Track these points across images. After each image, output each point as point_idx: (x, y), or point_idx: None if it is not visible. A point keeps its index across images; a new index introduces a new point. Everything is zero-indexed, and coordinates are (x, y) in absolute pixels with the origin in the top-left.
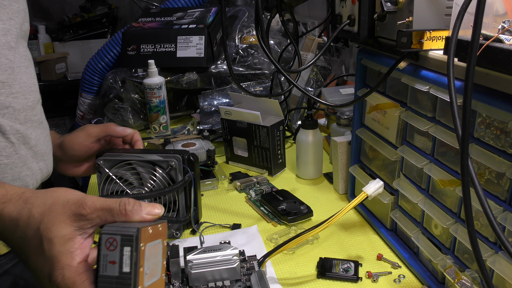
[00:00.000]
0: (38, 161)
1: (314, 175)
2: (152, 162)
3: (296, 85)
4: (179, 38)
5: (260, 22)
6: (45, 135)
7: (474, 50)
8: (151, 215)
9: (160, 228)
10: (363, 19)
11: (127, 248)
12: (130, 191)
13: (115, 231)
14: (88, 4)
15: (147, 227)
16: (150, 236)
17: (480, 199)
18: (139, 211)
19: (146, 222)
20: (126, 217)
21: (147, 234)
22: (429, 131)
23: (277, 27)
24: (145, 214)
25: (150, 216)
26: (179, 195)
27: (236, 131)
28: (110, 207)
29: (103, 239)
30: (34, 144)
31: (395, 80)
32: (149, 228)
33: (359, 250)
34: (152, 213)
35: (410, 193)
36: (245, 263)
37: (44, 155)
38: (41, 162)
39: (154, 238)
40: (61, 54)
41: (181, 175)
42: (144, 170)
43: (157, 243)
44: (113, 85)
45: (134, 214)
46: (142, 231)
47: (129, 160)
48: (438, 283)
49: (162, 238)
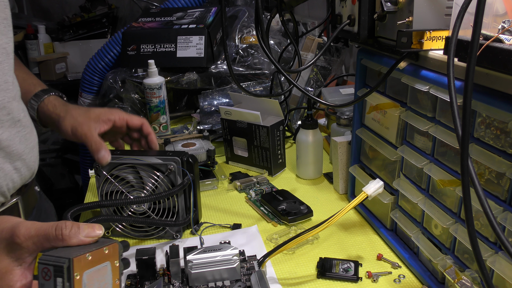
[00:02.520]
0: (13, 161)
1: (314, 175)
2: (151, 165)
3: (296, 85)
4: (179, 38)
5: (260, 22)
6: (24, 133)
7: (474, 50)
8: (91, 237)
9: (106, 251)
10: (363, 19)
11: (59, 280)
12: (129, 193)
13: (48, 261)
14: (88, 4)
15: (85, 253)
16: (89, 263)
17: (480, 199)
18: (77, 234)
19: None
20: (64, 242)
21: (83, 261)
22: (429, 131)
23: (277, 27)
24: (83, 237)
25: (90, 239)
26: (178, 198)
27: (236, 131)
28: (46, 233)
29: (39, 268)
30: (6, 145)
31: (395, 80)
32: (87, 254)
33: (359, 250)
34: (91, 235)
35: (410, 193)
36: (245, 263)
37: (22, 154)
38: (18, 161)
39: (97, 263)
40: (61, 54)
41: (180, 178)
42: (144, 173)
43: (102, 266)
44: (113, 85)
45: (71, 237)
46: (75, 261)
47: (128, 163)
48: (438, 283)
49: (111, 260)
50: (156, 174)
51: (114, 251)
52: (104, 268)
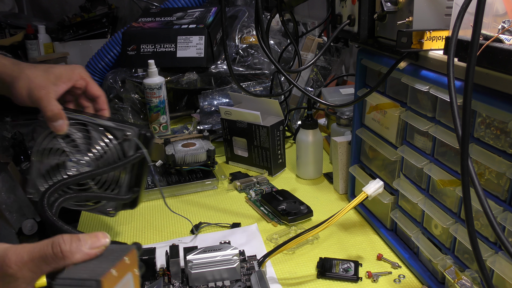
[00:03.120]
0: None
1: (314, 175)
2: (106, 128)
3: (296, 85)
4: (179, 38)
5: (260, 22)
6: None
7: (474, 50)
8: (96, 248)
9: (128, 261)
10: (363, 19)
11: None
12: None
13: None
14: (88, 4)
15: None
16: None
17: (480, 199)
18: (79, 248)
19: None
20: (66, 260)
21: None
22: (429, 131)
23: (277, 27)
24: (88, 250)
25: (96, 250)
26: (127, 172)
27: (236, 131)
28: (41, 254)
29: None
30: None
31: (395, 80)
32: (112, 270)
33: (359, 250)
34: (95, 246)
35: (410, 193)
36: (245, 263)
37: None
38: None
39: (121, 276)
40: (61, 54)
41: (133, 152)
42: (95, 134)
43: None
44: (113, 85)
45: (73, 253)
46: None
47: (80, 120)
48: (438, 283)
49: (131, 270)
50: (109, 138)
51: (133, 258)
52: (127, 280)
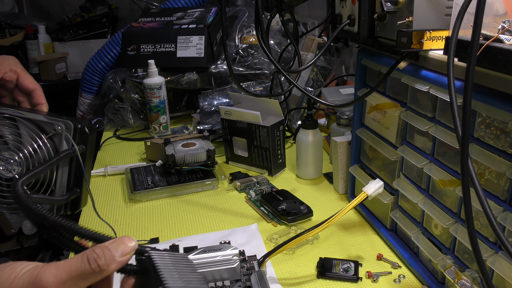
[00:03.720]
0: None
1: (314, 175)
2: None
3: (296, 85)
4: (179, 38)
5: (260, 22)
6: None
7: (474, 50)
8: (128, 254)
9: None
10: (363, 19)
11: None
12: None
13: None
14: (88, 4)
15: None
16: None
17: (480, 199)
18: (113, 258)
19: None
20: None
21: None
22: (429, 131)
23: (277, 27)
24: (120, 258)
25: (127, 256)
26: (58, 171)
27: (236, 131)
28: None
29: None
30: None
31: (395, 80)
32: None
33: (359, 250)
34: (126, 252)
35: (410, 193)
36: (245, 263)
37: None
38: None
39: None
40: (61, 54)
41: (67, 146)
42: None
43: None
44: (113, 85)
45: (109, 265)
46: None
47: (8, 114)
48: (438, 283)
49: None
50: (38, 134)
51: None
52: None
